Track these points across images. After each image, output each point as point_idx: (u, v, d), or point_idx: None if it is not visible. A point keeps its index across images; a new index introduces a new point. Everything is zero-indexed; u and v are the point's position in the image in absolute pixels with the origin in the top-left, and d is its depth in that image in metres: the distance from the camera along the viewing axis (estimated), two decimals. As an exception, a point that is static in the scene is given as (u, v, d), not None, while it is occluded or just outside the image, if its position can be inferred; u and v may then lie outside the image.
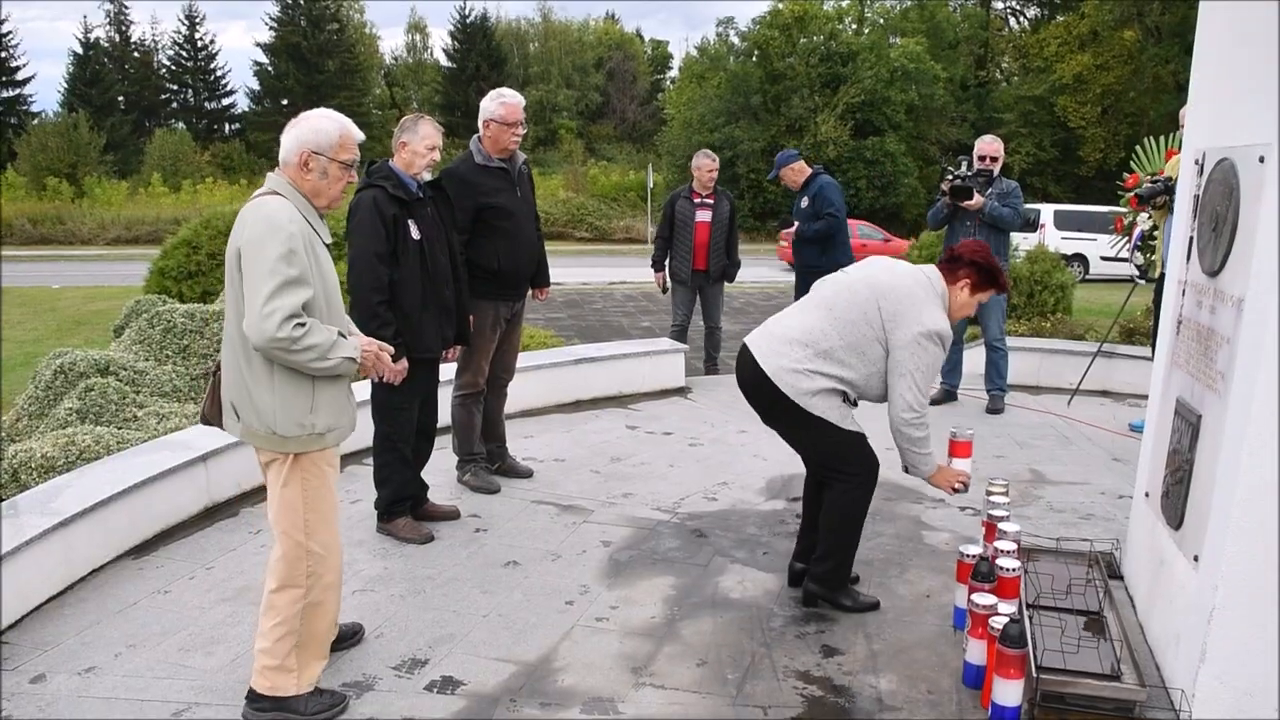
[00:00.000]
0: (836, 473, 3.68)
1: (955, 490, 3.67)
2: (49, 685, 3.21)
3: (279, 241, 2.81)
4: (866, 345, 3.52)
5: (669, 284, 8.23)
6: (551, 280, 5.56)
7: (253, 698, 3.01)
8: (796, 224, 7.68)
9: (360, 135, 3.09)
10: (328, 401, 2.98)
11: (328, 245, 3.13)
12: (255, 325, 2.78)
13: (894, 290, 3.51)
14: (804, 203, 7.57)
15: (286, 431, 2.92)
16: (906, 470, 3.67)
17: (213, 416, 3.11)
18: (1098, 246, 19.99)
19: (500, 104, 4.82)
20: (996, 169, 6.86)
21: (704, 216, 7.93)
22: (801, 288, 7.99)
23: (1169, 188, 6.00)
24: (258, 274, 2.80)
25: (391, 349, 3.24)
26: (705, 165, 7.97)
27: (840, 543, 3.75)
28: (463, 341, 4.71)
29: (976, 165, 6.89)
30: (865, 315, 3.52)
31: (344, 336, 2.98)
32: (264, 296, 2.77)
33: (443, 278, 4.40)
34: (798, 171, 7.58)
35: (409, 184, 4.27)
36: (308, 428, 2.93)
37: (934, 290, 3.57)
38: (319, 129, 2.97)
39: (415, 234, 4.24)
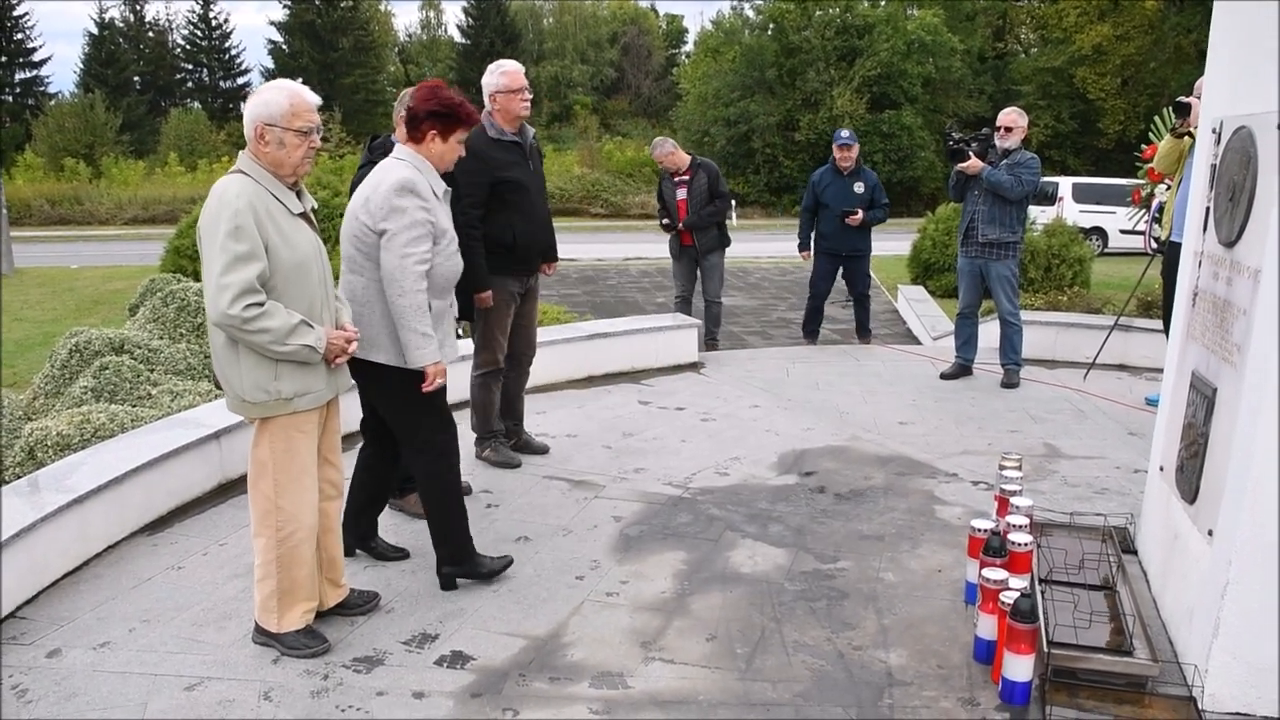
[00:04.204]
0: (425, 445, 3.68)
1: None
2: (64, 660, 3.24)
3: (226, 219, 2.93)
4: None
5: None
6: (567, 256, 5.55)
7: (256, 625, 3.34)
8: (856, 209, 8.00)
9: (315, 100, 3.14)
10: (293, 368, 3.10)
11: (307, 214, 3.21)
12: (210, 301, 2.95)
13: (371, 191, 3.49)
14: (859, 187, 8.02)
15: (253, 398, 3.10)
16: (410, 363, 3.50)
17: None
18: (1116, 220, 19.76)
19: (500, 74, 4.82)
20: (1011, 140, 6.78)
21: (683, 195, 8.10)
22: (819, 268, 8.16)
23: None
24: (210, 253, 2.96)
25: (358, 335, 3.32)
26: (659, 157, 8.15)
27: (453, 522, 3.77)
28: (466, 317, 4.70)
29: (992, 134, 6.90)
30: (360, 241, 3.50)
31: (309, 325, 3.07)
32: (215, 274, 2.92)
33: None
34: (855, 154, 8.06)
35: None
36: (273, 394, 3.09)
37: (400, 164, 3.52)
38: (268, 100, 3.06)
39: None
